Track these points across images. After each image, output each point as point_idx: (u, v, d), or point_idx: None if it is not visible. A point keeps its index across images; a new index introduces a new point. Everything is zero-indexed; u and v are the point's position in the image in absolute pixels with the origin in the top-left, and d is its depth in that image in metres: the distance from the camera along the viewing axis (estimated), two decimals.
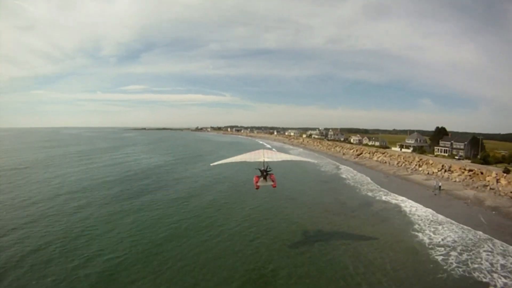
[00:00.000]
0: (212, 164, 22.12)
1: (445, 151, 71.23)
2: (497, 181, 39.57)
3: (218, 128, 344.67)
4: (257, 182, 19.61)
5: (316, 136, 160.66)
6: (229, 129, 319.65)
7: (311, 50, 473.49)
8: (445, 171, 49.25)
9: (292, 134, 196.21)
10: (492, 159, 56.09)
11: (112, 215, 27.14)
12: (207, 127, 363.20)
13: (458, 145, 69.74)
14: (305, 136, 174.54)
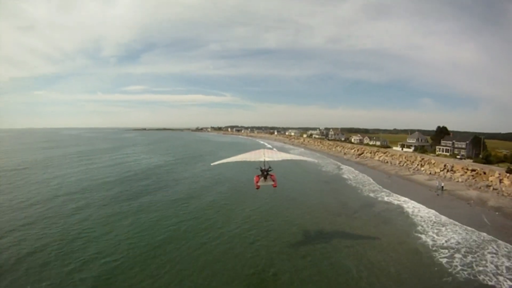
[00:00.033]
0: (212, 163, 21.77)
1: (447, 150, 70.76)
2: (500, 181, 39.13)
3: (219, 128, 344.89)
4: (257, 182, 19.39)
5: (317, 136, 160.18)
6: (230, 129, 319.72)
7: (311, 50, 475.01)
8: (448, 171, 48.81)
9: (293, 134, 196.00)
10: (494, 158, 55.62)
11: (110, 216, 26.78)
12: (207, 128, 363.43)
13: (459, 144, 69.23)
14: (305, 136, 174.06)
